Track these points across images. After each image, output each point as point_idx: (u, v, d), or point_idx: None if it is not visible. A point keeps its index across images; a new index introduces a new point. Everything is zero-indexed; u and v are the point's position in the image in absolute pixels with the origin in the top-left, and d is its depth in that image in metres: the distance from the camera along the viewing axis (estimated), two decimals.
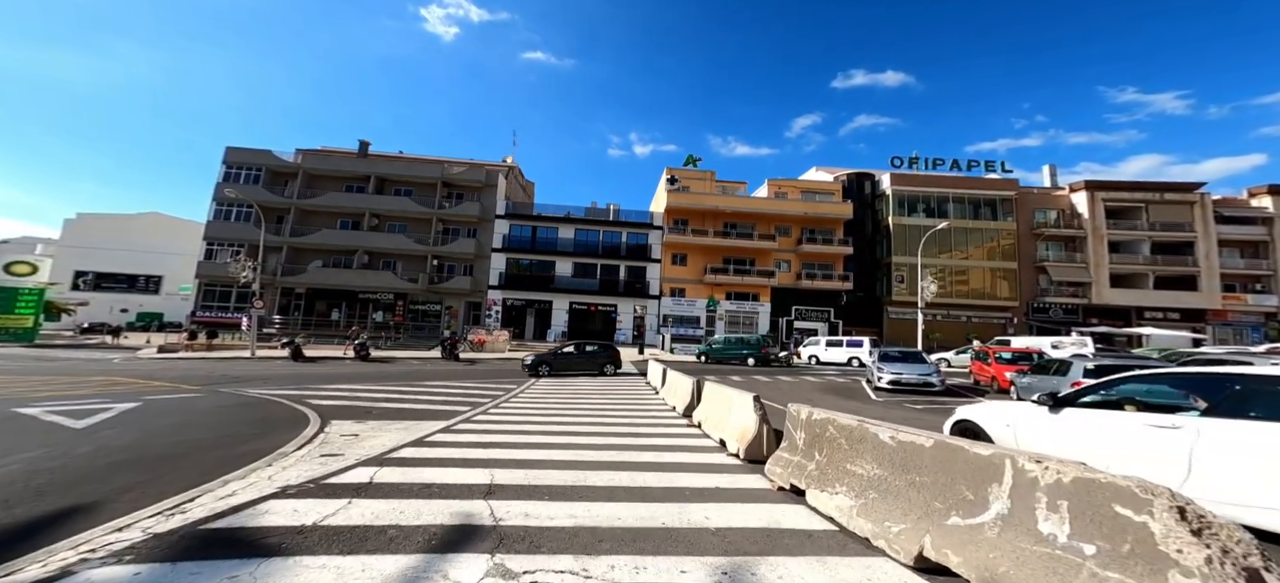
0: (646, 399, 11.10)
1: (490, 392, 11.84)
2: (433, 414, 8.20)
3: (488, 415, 8.39)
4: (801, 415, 4.06)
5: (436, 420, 7.53)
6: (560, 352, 17.43)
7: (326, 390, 10.83)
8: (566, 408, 9.59)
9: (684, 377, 9.82)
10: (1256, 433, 2.79)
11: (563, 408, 9.57)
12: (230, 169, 31.30)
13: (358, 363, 19.21)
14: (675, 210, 35.50)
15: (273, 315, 29.26)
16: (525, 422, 7.90)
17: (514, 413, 8.85)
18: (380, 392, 10.96)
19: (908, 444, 2.87)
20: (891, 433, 3.01)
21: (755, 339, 23.79)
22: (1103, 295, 31.34)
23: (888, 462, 2.95)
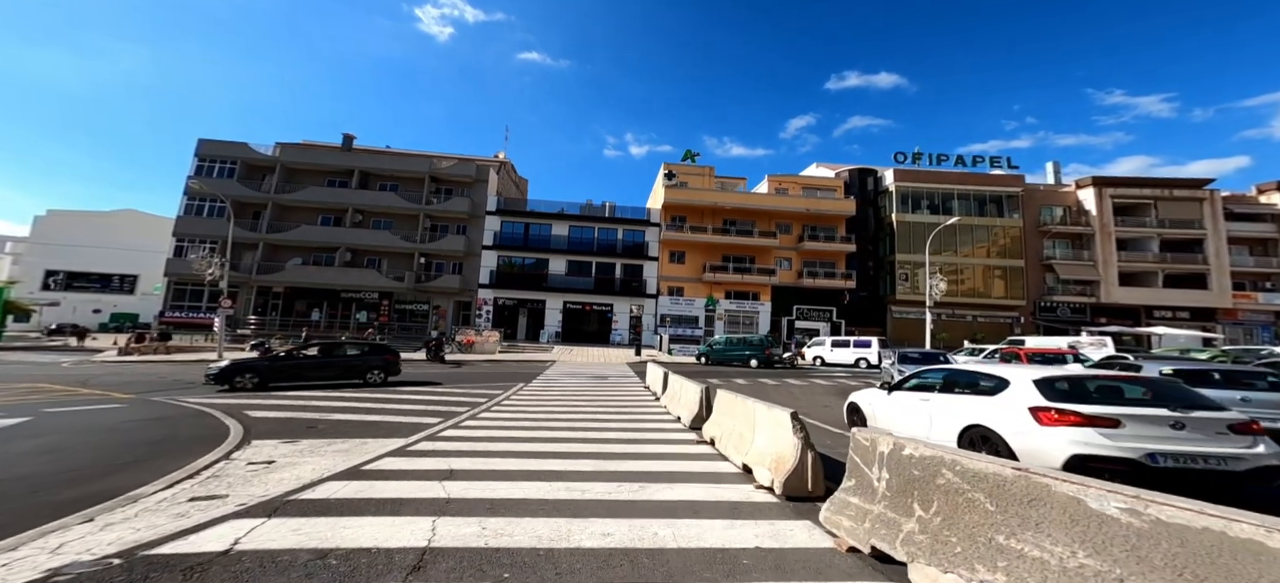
0: (646, 408, 9.86)
1: (470, 398, 10.56)
2: (391, 429, 6.91)
3: (458, 430, 7.10)
4: (881, 448, 2.84)
5: (392, 438, 6.24)
6: (290, 355, 12.41)
7: (279, 399, 9.48)
8: (554, 420, 8.32)
9: (689, 382, 8.60)
10: (950, 400, 5.47)
11: (549, 420, 8.31)
12: (202, 162, 29.62)
13: None
14: (673, 207, 34.32)
15: (247, 316, 27.67)
16: (502, 438, 6.63)
17: (491, 425, 7.57)
18: (342, 401, 9.63)
19: (1166, 526, 1.60)
20: (1125, 504, 1.73)
21: (758, 339, 22.63)
22: (1111, 294, 30.55)
23: (1109, 547, 1.72)
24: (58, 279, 39.13)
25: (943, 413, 5.39)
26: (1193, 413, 4.15)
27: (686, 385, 8.62)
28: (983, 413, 4.88)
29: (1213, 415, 4.16)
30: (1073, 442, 4.13)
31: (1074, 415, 4.21)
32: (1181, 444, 4.01)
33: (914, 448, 2.64)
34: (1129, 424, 4.10)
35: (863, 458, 3.00)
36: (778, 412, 4.37)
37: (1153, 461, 3.94)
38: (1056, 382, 4.75)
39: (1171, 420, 4.10)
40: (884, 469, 2.74)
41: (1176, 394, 4.46)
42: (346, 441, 6.00)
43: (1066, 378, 4.97)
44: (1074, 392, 4.67)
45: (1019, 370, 5.19)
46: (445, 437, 6.58)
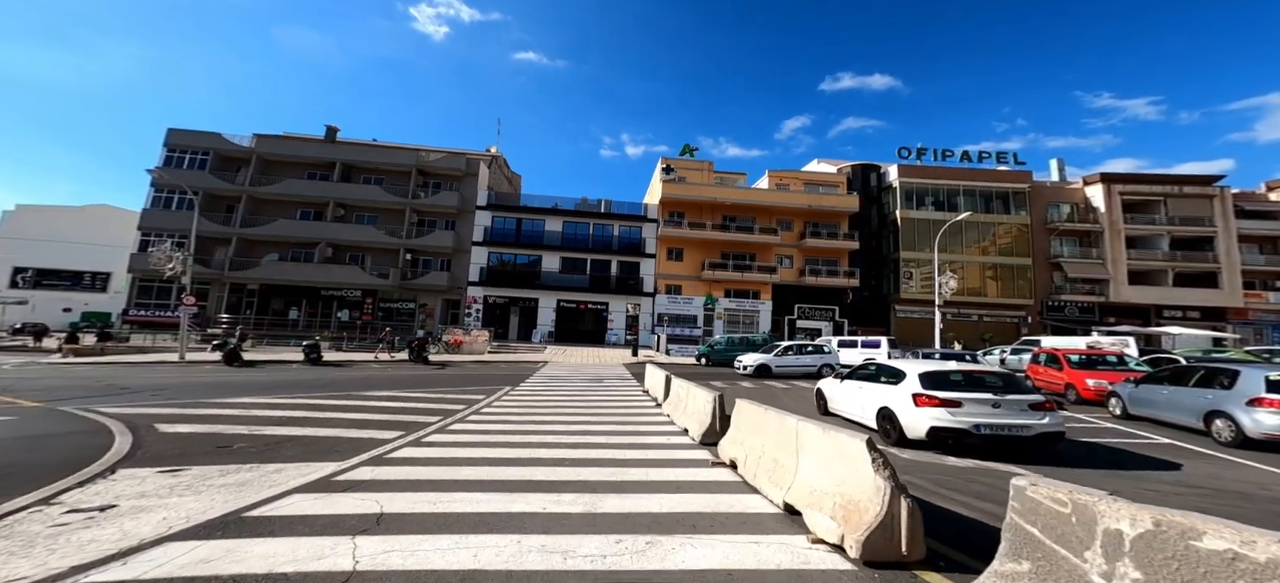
0: (647, 417, 8.62)
1: (445, 406, 9.26)
2: (330, 448, 5.61)
3: (415, 449, 5.82)
4: (1110, 524, 1.57)
5: (324, 461, 4.96)
6: None
7: (213, 407, 8.12)
8: (538, 432, 7.06)
9: (697, 388, 7.38)
10: (873, 387, 7.07)
11: (532, 432, 7.04)
12: (172, 153, 27.91)
13: (306, 368, 16.42)
14: (671, 202, 33.11)
15: (219, 314, 26.06)
16: (466, 461, 5.37)
17: (456, 443, 6.31)
18: (292, 408, 8.30)
19: None
20: None
21: (761, 339, 21.47)
22: (1121, 293, 29.74)
23: None
24: (26, 277, 37.22)
25: (870, 398, 7.02)
26: (1007, 396, 5.84)
27: (694, 392, 7.39)
28: (889, 398, 6.50)
29: (1019, 398, 5.89)
30: (931, 418, 5.80)
31: (934, 399, 5.89)
32: (996, 418, 5.72)
33: (1169, 517, 1.40)
34: (966, 405, 5.77)
35: (1053, 531, 1.75)
36: (840, 437, 3.15)
37: (977, 430, 5.62)
38: (930, 375, 6.30)
39: (992, 402, 5.77)
40: (1128, 564, 1.47)
41: (1001, 383, 6.21)
42: (260, 466, 4.69)
43: (935, 372, 6.42)
44: (938, 383, 6.16)
45: (912, 366, 6.80)
46: (394, 459, 5.30)
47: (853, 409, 7.58)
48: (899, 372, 6.76)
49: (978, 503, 4.13)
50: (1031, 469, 5.17)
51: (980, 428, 5.68)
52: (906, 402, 6.19)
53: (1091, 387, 9.52)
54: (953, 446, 5.91)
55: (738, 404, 5.54)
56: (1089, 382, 9.62)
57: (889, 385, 6.72)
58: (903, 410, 6.22)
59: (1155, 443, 6.89)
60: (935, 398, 5.96)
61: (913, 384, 6.27)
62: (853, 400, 7.60)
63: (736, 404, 5.61)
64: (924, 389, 6.10)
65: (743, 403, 5.38)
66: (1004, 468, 5.33)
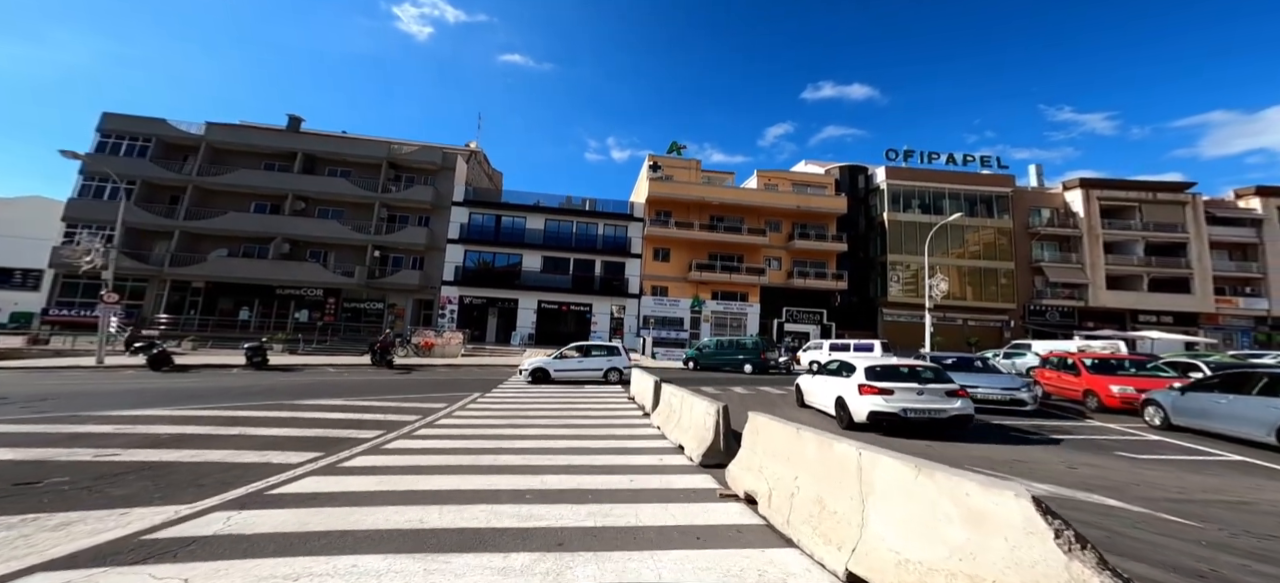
0: (634, 430, 7.39)
1: (398, 415, 7.84)
2: (208, 477, 4.20)
3: (323, 481, 4.46)
4: None
5: (171, 504, 3.57)
6: None
7: (88, 423, 6.50)
8: (501, 450, 5.75)
9: (694, 398, 6.22)
10: (835, 380, 8.21)
11: (494, 451, 5.73)
12: (107, 139, 25.24)
13: (248, 373, 14.60)
14: (657, 201, 32.05)
15: (157, 314, 23.55)
16: (396, 494, 4.04)
17: (396, 463, 4.97)
18: (201, 423, 6.75)
19: None
20: None
21: (752, 342, 20.49)
22: (1099, 298, 30.12)
23: None
24: None
25: (831, 389, 8.13)
26: (929, 385, 7.16)
27: (691, 401, 6.21)
28: (844, 388, 7.68)
29: (939, 386, 7.17)
30: (871, 404, 7.10)
31: (873, 388, 7.18)
32: (920, 403, 7.02)
33: None
34: (897, 393, 7.09)
35: None
36: (962, 485, 1.96)
37: (905, 414, 6.95)
38: (873, 369, 7.57)
39: (918, 390, 7.07)
40: None
41: (926, 375, 7.43)
42: (39, 519, 3.23)
43: (877, 366, 7.69)
44: (879, 375, 7.37)
45: (861, 360, 8.24)
46: (277, 496, 3.93)
47: (821, 401, 8.79)
48: (853, 367, 8.01)
49: None
50: (949, 446, 6.59)
51: (907, 412, 6.91)
52: (854, 391, 7.39)
53: (1116, 393, 8.74)
54: (888, 427, 7.06)
55: (754, 420, 4.37)
56: (1113, 388, 8.85)
57: (844, 379, 7.94)
58: (851, 399, 7.44)
59: (1227, 460, 6.09)
60: (875, 387, 7.18)
61: (859, 377, 7.52)
62: (822, 392, 8.74)
63: (751, 420, 4.44)
64: (867, 380, 7.35)
65: (762, 419, 4.22)
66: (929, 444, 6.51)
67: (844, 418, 7.61)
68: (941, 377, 7.48)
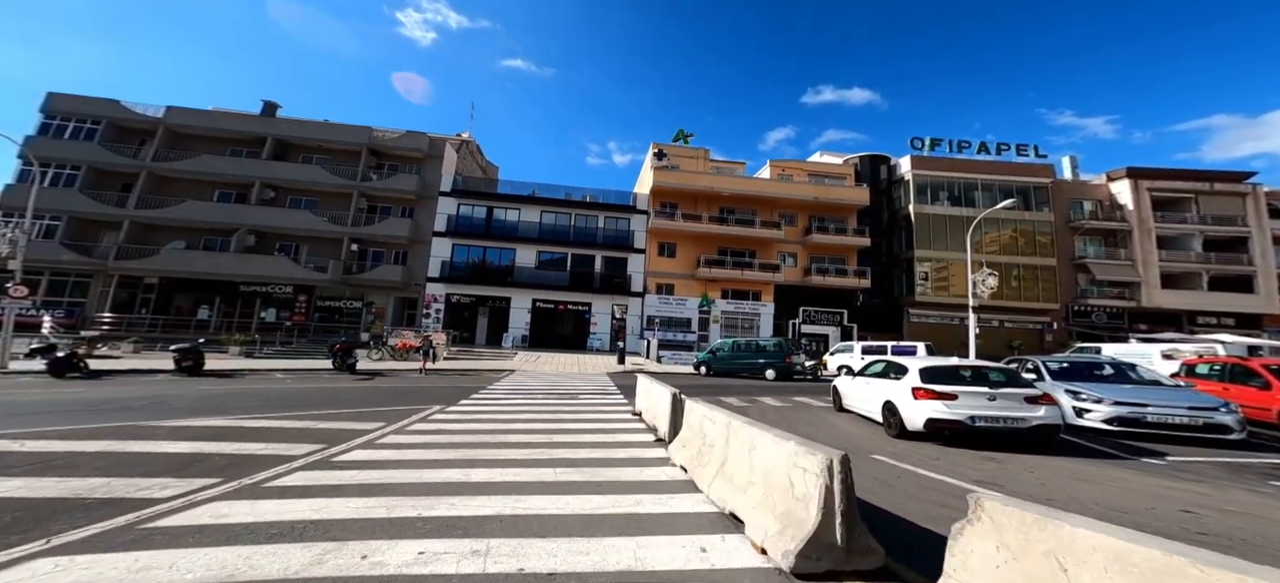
0: (645, 470, 4.70)
1: (293, 448, 5.11)
2: None
3: None
4: None
5: None
6: None
7: None
8: (453, 494, 3.03)
9: (750, 427, 3.51)
10: (880, 383, 7.57)
11: (442, 496, 2.99)
12: (51, 121, 22.80)
13: (176, 379, 12.11)
14: (663, 192, 29.47)
15: (100, 313, 20.98)
16: None
17: (232, 520, 2.26)
18: (33, 454, 4.07)
19: None
20: None
21: (774, 344, 17.78)
22: (1153, 297, 27.26)
23: None
24: None
25: (876, 393, 7.58)
26: (1003, 390, 6.38)
27: (746, 434, 3.52)
28: (893, 392, 7.09)
29: (1015, 391, 6.39)
30: (929, 410, 6.36)
31: (931, 392, 6.48)
32: (992, 410, 6.22)
33: None
34: (961, 398, 6.33)
35: None
36: None
37: (972, 421, 6.16)
38: (931, 370, 6.90)
39: (988, 395, 6.29)
40: None
41: (996, 378, 6.79)
42: None
43: (934, 366, 7.00)
44: (938, 376, 6.73)
45: (914, 362, 7.40)
46: None
47: (863, 406, 8.08)
48: (902, 368, 7.25)
49: None
50: None
51: (976, 420, 6.12)
52: (906, 396, 6.65)
53: None
54: (951, 437, 6.29)
55: (990, 508, 1.68)
56: None
57: (893, 381, 7.19)
58: (904, 404, 6.66)
59: None
60: (932, 391, 6.41)
61: (913, 379, 6.72)
62: (864, 397, 8.04)
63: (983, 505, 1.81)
64: (923, 383, 6.56)
65: (996, 504, 1.51)
66: None
67: (893, 424, 6.84)
68: (1015, 380, 6.64)
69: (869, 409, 7.80)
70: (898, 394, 6.87)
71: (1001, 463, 5.68)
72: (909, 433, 6.58)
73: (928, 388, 6.46)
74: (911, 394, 6.60)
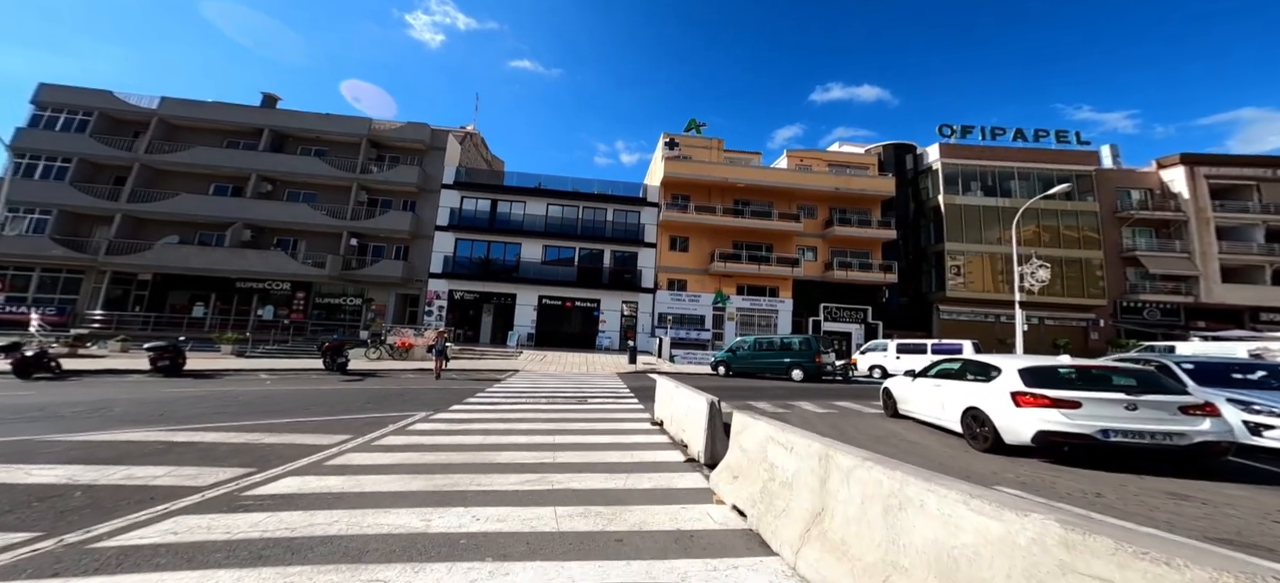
0: (671, 497, 3.21)
1: (251, 460, 3.75)
2: None
3: None
4: None
5: None
6: None
7: None
8: (396, 562, 1.64)
9: (861, 462, 2.00)
10: (956, 386, 6.40)
11: (376, 567, 1.61)
12: (42, 112, 22.11)
13: (151, 380, 11.16)
14: (674, 183, 28.01)
15: (91, 309, 20.18)
16: None
17: None
18: None
19: None
20: None
21: (800, 342, 16.19)
22: (1213, 292, 25.03)
23: None
24: None
25: (952, 397, 6.39)
26: (1147, 396, 4.89)
27: (871, 481, 2.05)
28: (978, 397, 5.86)
29: (1165, 398, 4.90)
30: (1039, 420, 5.03)
31: (1042, 398, 5.12)
32: (1133, 422, 4.77)
33: None
34: (1088, 406, 4.92)
35: None
36: None
37: (1105, 436, 4.74)
38: (1037, 370, 5.55)
39: (1126, 403, 4.86)
40: None
41: (1127, 382, 5.30)
42: None
43: (1039, 368, 5.58)
44: (1047, 380, 5.35)
45: (1010, 360, 5.97)
46: None
47: (929, 411, 6.93)
48: (990, 367, 6.07)
49: None
50: None
51: (1110, 434, 4.72)
52: (1002, 401, 5.46)
53: None
54: (1069, 453, 5.10)
55: None
56: None
57: (978, 383, 6.06)
58: (998, 411, 5.48)
59: None
60: (1043, 397, 5.10)
61: (1010, 381, 5.54)
62: (929, 401, 6.94)
63: None
64: (1027, 387, 5.31)
65: None
66: None
67: (981, 436, 5.64)
68: (1156, 383, 5.15)
69: (938, 416, 6.65)
70: (988, 400, 5.67)
71: (1204, 502, 4.11)
72: (1006, 447, 5.39)
73: (1037, 393, 5.16)
74: (1010, 400, 5.36)
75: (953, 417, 6.23)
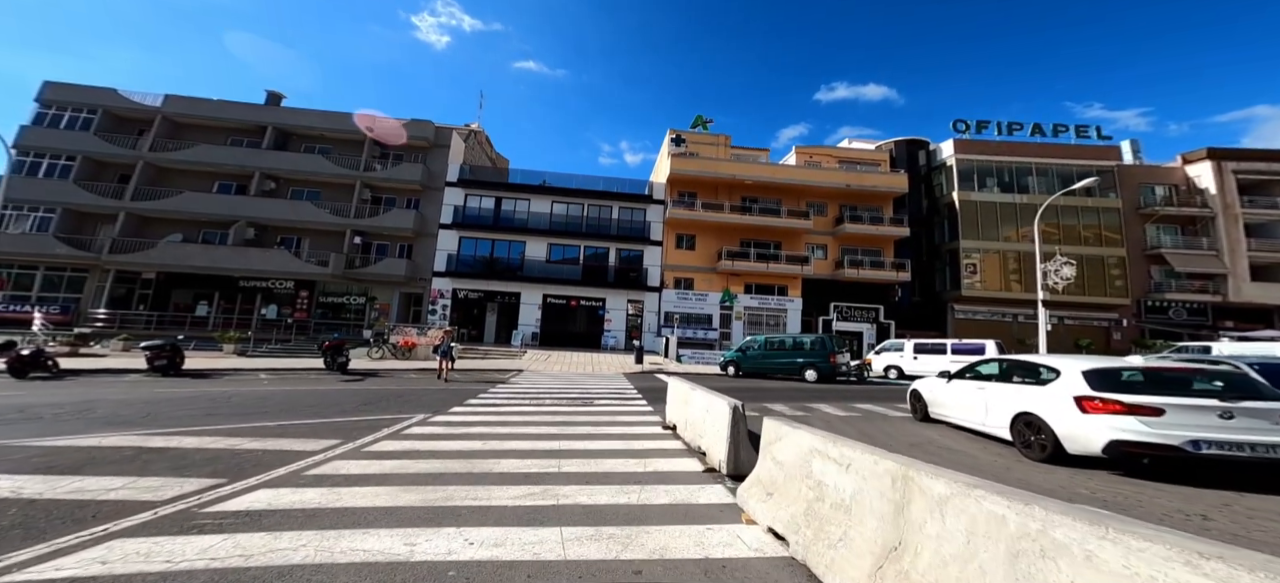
0: (693, 515, 2.71)
1: (222, 471, 3.31)
2: None
3: None
4: None
5: None
6: None
7: None
8: None
9: (952, 486, 1.47)
10: (1003, 388, 5.86)
11: None
12: (47, 110, 22.05)
13: (148, 380, 10.92)
14: (681, 180, 27.50)
15: (94, 308, 20.05)
16: None
17: None
18: None
19: None
20: None
21: (815, 342, 15.62)
22: (1241, 291, 24.07)
23: None
24: None
25: (997, 401, 5.83)
26: (1244, 403, 4.25)
27: (969, 511, 1.52)
28: (1033, 401, 5.28)
29: (1267, 406, 4.25)
30: (1113, 428, 4.42)
31: (1116, 404, 4.48)
32: (1228, 433, 4.13)
33: None
34: (1172, 413, 4.27)
35: None
36: None
37: (1196, 448, 4.11)
38: (1104, 372, 4.92)
39: (1220, 410, 4.23)
40: None
41: (1211, 386, 4.60)
42: None
43: (1114, 368, 5.01)
44: (1120, 382, 4.77)
45: (1070, 361, 5.35)
46: None
47: (969, 415, 6.33)
48: (1045, 368, 5.47)
49: None
50: None
51: (1202, 446, 4.07)
52: (1064, 406, 4.88)
53: None
54: (1149, 465, 4.49)
55: None
56: None
57: (1030, 385, 5.47)
58: (1059, 417, 4.92)
59: None
60: (1116, 403, 4.45)
61: (1073, 384, 4.91)
62: (970, 404, 6.33)
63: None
64: (1094, 391, 4.68)
65: None
66: None
67: (1036, 444, 5.13)
68: (1254, 389, 4.47)
69: (981, 422, 6.11)
70: (1045, 404, 5.13)
71: None
72: (1066, 458, 4.88)
73: (1107, 398, 4.56)
74: (1074, 405, 4.81)
75: (999, 423, 5.72)
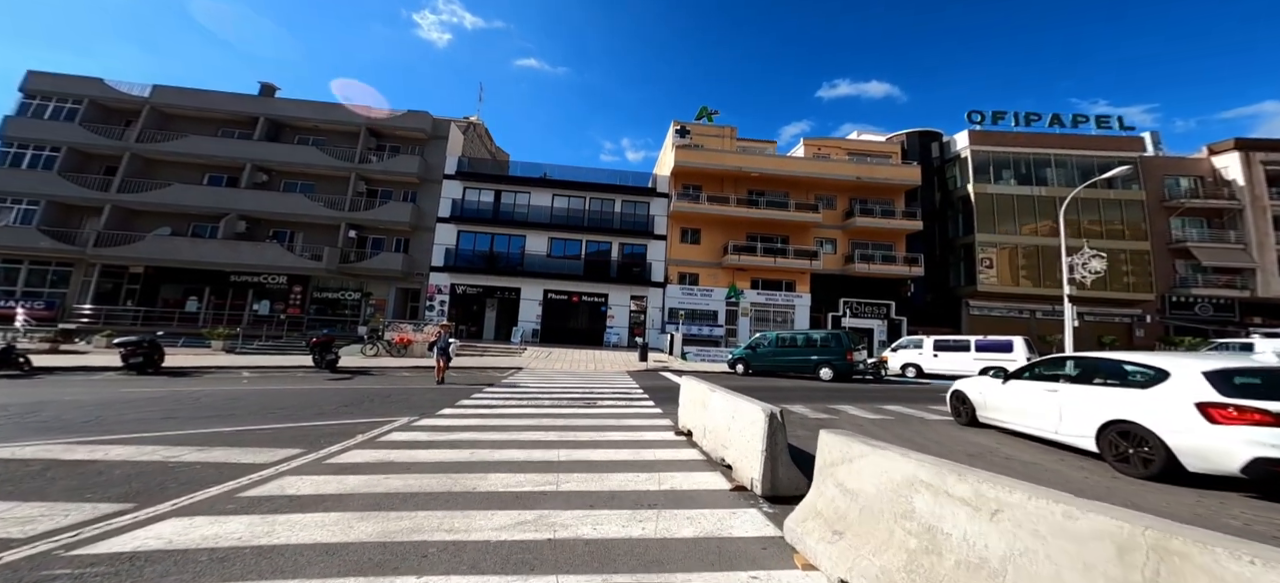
0: (732, 559, 1.93)
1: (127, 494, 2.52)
2: None
3: None
4: None
5: None
6: None
7: None
8: None
9: (1035, 498, 0.71)
10: (1084, 391, 5.07)
11: None
12: (31, 100, 21.36)
13: (123, 377, 10.29)
14: (685, 173, 26.65)
15: (80, 303, 19.37)
16: None
17: None
18: None
19: None
20: None
21: (829, 338, 14.81)
22: (1270, 286, 23.10)
23: None
24: None
25: (1075, 406, 5.08)
26: None
27: None
28: (1131, 407, 4.51)
29: None
30: (1256, 443, 3.67)
31: (1258, 414, 3.70)
32: None
33: None
34: None
35: None
36: None
37: None
38: (1234, 374, 4.18)
39: None
40: None
41: None
42: None
43: (1247, 370, 4.26)
44: (1257, 386, 4.07)
45: (1181, 360, 4.54)
46: None
47: (1035, 421, 5.56)
48: (1154, 370, 4.52)
49: None
50: None
51: None
52: (1180, 415, 4.09)
53: None
54: None
55: None
56: None
57: (1129, 390, 4.64)
58: (1172, 428, 4.14)
59: None
60: (1261, 413, 3.62)
61: (1193, 387, 4.10)
62: (1036, 409, 5.54)
63: None
64: (1226, 397, 3.88)
65: None
66: None
67: (1138, 459, 4.32)
68: None
69: (1053, 429, 5.31)
70: (1152, 412, 4.33)
71: None
72: (1181, 475, 4.11)
73: (1243, 407, 3.75)
74: (1196, 413, 4.01)
75: (1078, 431, 4.97)
